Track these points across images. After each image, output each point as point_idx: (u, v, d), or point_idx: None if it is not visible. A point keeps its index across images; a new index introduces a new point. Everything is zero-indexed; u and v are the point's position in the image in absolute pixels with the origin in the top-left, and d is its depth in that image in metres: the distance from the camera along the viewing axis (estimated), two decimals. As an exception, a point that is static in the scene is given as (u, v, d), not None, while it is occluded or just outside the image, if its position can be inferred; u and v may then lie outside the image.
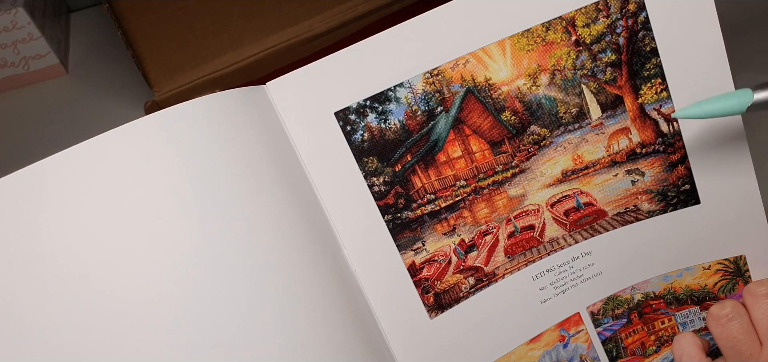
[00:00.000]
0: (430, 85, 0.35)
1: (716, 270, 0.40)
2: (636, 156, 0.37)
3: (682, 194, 0.38)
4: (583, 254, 0.39)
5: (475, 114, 0.36)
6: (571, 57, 0.36)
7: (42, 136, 0.62)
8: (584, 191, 0.38)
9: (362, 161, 0.35)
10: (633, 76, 0.36)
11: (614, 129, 0.37)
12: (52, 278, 0.28)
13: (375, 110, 0.35)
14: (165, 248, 0.30)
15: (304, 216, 0.34)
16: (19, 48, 0.63)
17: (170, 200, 0.30)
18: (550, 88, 0.36)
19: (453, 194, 0.37)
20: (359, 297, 0.35)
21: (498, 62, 0.35)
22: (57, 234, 0.28)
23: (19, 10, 0.60)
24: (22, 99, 0.65)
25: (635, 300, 0.40)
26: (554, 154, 0.37)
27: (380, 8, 0.55)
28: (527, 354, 0.40)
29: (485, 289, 0.38)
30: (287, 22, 0.53)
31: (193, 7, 0.54)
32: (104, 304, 0.29)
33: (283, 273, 0.32)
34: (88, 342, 0.28)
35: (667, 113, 0.36)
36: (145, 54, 0.53)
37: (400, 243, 0.37)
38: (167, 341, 0.29)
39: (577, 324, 0.40)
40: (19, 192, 0.28)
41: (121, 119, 0.30)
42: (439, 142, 0.36)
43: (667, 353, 0.41)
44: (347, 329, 0.34)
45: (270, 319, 0.31)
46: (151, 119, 0.30)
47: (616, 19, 0.35)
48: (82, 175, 0.29)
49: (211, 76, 0.52)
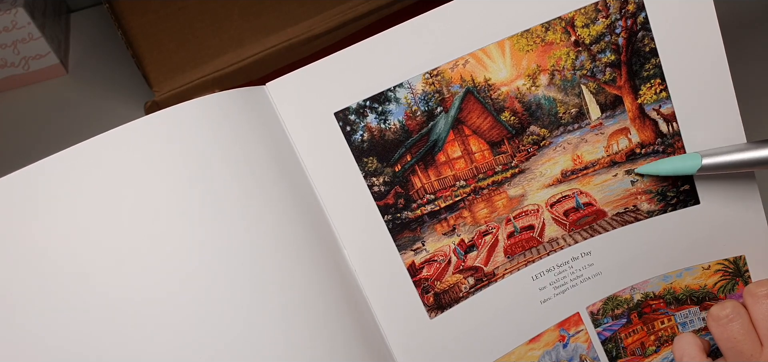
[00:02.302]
0: (430, 86, 0.35)
1: (716, 270, 0.40)
2: (635, 156, 0.37)
3: (681, 194, 0.38)
4: (583, 254, 0.39)
5: (474, 114, 0.36)
6: (571, 57, 0.36)
7: (42, 136, 0.62)
8: (584, 191, 0.38)
9: (362, 161, 0.35)
10: (632, 76, 0.36)
11: (614, 129, 0.37)
12: (52, 278, 0.28)
13: (375, 110, 0.35)
14: (165, 248, 0.30)
15: (304, 216, 0.34)
16: (19, 48, 0.63)
17: (170, 200, 0.30)
18: (549, 89, 0.36)
19: (453, 194, 0.37)
20: (359, 297, 0.35)
21: (497, 63, 0.35)
22: (57, 234, 0.28)
23: (19, 10, 0.60)
24: (22, 99, 0.65)
25: (635, 300, 0.40)
26: (554, 155, 0.37)
27: (380, 8, 0.55)
28: (527, 354, 0.40)
29: (485, 289, 0.38)
30: (287, 22, 0.54)
31: (193, 7, 0.54)
32: (103, 304, 0.29)
33: (282, 273, 0.32)
34: (87, 343, 0.28)
35: (666, 113, 0.36)
36: (145, 54, 0.53)
37: (400, 243, 0.37)
38: (167, 341, 0.29)
39: (576, 324, 0.40)
40: (19, 192, 0.28)
41: (121, 119, 0.30)
42: (438, 142, 0.36)
43: (667, 353, 0.41)
44: (347, 329, 0.34)
45: (270, 319, 0.31)
46: (151, 119, 0.30)
47: (616, 19, 0.35)
48: (82, 175, 0.29)
49: (211, 76, 0.52)
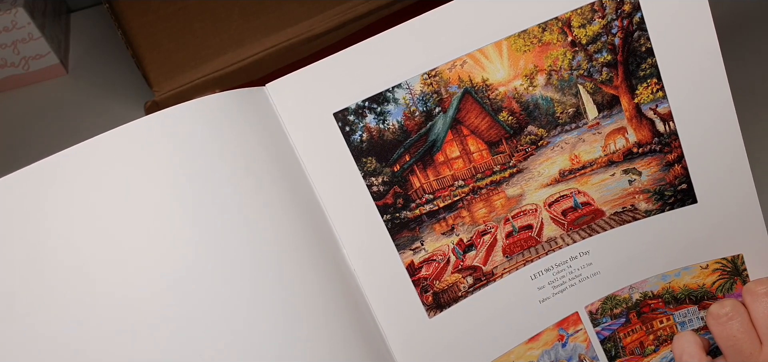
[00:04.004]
0: (428, 86, 0.35)
1: (714, 269, 0.40)
2: (633, 155, 0.37)
3: (679, 193, 0.38)
4: (581, 253, 0.39)
5: (472, 114, 0.36)
6: (568, 57, 0.36)
7: (42, 136, 0.62)
8: (582, 191, 0.38)
9: (361, 161, 0.35)
10: (629, 76, 0.36)
11: (611, 129, 0.37)
12: (52, 277, 0.28)
13: (373, 111, 0.35)
14: (164, 248, 0.30)
15: (304, 216, 0.34)
16: (19, 48, 0.63)
17: (170, 200, 0.30)
18: (546, 89, 0.36)
19: (451, 194, 0.37)
20: (358, 297, 0.35)
21: (495, 63, 0.35)
22: (57, 234, 0.29)
23: (19, 10, 0.60)
24: (22, 99, 0.65)
25: (633, 300, 0.40)
26: (551, 154, 0.37)
27: (380, 8, 0.55)
28: (526, 353, 0.40)
29: (484, 289, 0.38)
30: (287, 22, 0.54)
31: (193, 7, 0.54)
32: (103, 303, 0.29)
33: (282, 272, 0.32)
34: (88, 342, 0.28)
35: (663, 113, 0.36)
36: (145, 54, 0.53)
37: (399, 242, 0.37)
38: (166, 340, 0.29)
39: (575, 323, 0.40)
40: (19, 192, 0.28)
41: (121, 119, 0.30)
42: (437, 142, 0.36)
43: (666, 352, 0.41)
44: (346, 328, 0.34)
45: (269, 318, 0.31)
46: (151, 119, 0.31)
47: (612, 19, 0.35)
48: (82, 175, 0.29)
49: (211, 76, 0.53)
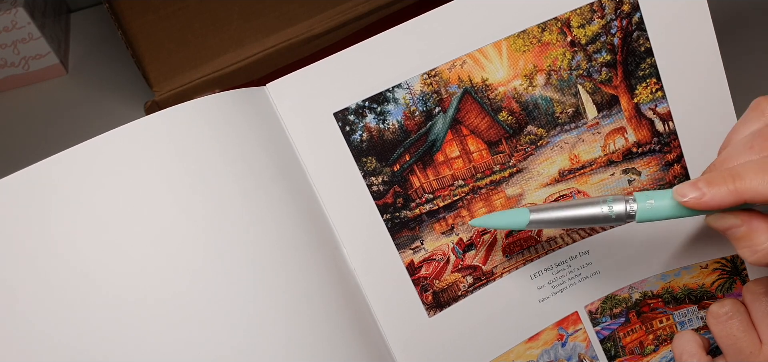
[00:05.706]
0: (428, 86, 0.35)
1: (714, 269, 0.40)
2: (632, 155, 0.38)
3: (678, 193, 0.38)
4: (581, 253, 0.39)
5: (472, 114, 0.36)
6: (567, 57, 0.36)
7: (42, 136, 0.62)
8: (581, 190, 0.38)
9: (361, 161, 0.36)
10: (628, 76, 0.36)
11: (610, 128, 0.37)
12: (53, 277, 0.28)
13: (373, 111, 0.35)
14: (164, 248, 0.30)
15: (304, 215, 0.34)
16: (19, 48, 0.63)
17: (170, 200, 0.30)
18: (546, 89, 0.36)
19: (451, 193, 0.37)
20: (358, 296, 0.36)
21: (494, 63, 0.35)
22: (57, 234, 0.29)
23: (19, 10, 0.60)
24: (22, 99, 0.65)
25: (633, 300, 0.40)
26: (551, 154, 0.37)
27: (380, 8, 0.55)
28: (525, 352, 0.40)
29: (483, 288, 0.38)
30: (287, 22, 0.54)
31: (193, 7, 0.54)
32: (103, 303, 0.29)
33: (282, 272, 0.32)
34: (90, 342, 0.28)
35: (662, 112, 0.36)
36: (145, 54, 0.53)
37: (399, 242, 0.37)
38: (166, 340, 0.29)
39: (575, 323, 0.40)
40: (19, 192, 0.28)
41: (121, 119, 0.30)
42: (437, 142, 0.36)
43: (666, 352, 0.41)
44: (346, 327, 0.34)
45: (269, 317, 0.31)
46: (151, 119, 0.30)
47: (611, 19, 0.35)
48: (82, 175, 0.29)
49: (211, 76, 0.53)
